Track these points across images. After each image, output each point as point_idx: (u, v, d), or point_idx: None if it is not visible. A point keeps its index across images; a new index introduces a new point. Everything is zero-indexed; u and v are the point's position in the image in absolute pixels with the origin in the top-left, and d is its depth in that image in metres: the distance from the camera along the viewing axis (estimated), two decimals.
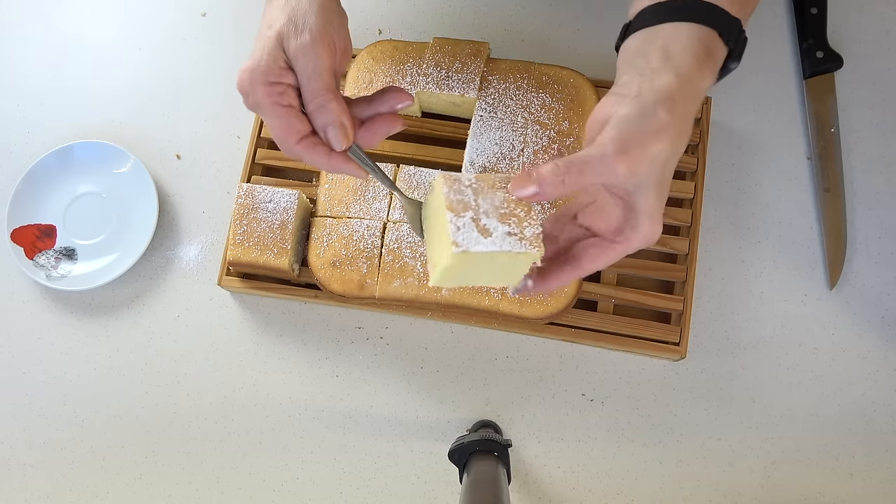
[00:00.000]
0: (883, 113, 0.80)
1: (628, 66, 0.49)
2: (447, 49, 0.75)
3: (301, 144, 0.51)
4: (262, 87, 0.50)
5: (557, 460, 0.75)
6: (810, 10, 0.81)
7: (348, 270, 0.72)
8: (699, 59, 0.47)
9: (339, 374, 0.78)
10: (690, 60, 0.47)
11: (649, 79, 0.46)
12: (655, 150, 0.45)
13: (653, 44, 0.48)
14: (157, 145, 0.85)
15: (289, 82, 0.51)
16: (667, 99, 0.45)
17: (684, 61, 0.47)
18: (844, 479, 0.73)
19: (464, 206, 0.46)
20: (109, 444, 0.78)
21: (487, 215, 0.46)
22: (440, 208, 0.47)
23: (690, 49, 0.47)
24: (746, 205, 0.79)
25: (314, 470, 0.76)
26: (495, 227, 0.46)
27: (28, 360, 0.80)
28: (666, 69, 0.46)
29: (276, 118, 0.50)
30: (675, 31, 0.48)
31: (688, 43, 0.48)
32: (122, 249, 0.80)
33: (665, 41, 0.48)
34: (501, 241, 0.45)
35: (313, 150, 0.51)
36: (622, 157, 0.44)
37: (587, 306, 0.74)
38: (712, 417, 0.75)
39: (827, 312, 0.76)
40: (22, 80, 0.88)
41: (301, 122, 0.51)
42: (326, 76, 0.50)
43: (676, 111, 0.45)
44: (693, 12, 0.48)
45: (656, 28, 0.49)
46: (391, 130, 0.55)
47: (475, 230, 0.45)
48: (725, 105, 0.81)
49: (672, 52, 0.47)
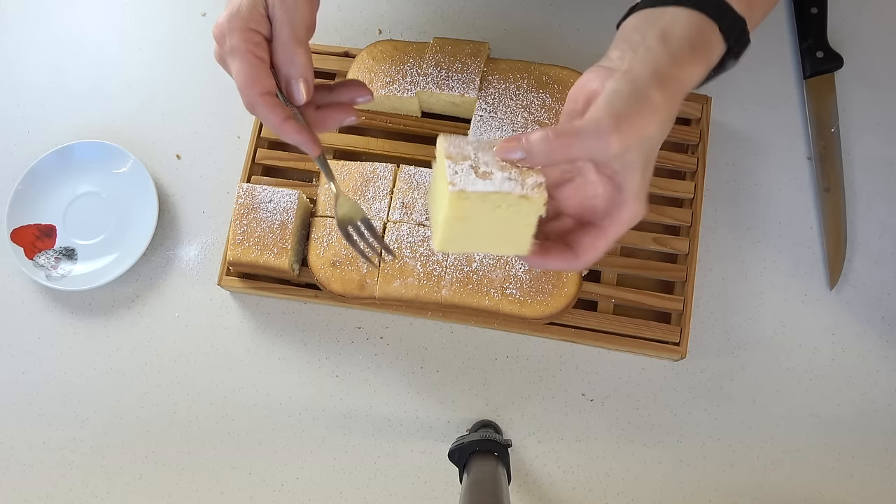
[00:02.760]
0: (883, 113, 0.80)
1: (623, 41, 0.48)
2: (447, 49, 0.75)
3: (263, 99, 0.51)
4: (240, 33, 0.50)
5: (557, 460, 0.75)
6: (810, 10, 0.81)
7: (348, 270, 0.72)
8: (694, 48, 0.47)
9: (339, 374, 0.78)
10: (686, 47, 0.47)
11: (643, 57, 0.46)
12: (647, 130, 0.45)
13: (653, 23, 0.48)
14: (157, 145, 0.85)
15: (265, 33, 0.51)
16: (660, 81, 0.45)
17: (680, 47, 0.46)
18: (844, 479, 0.73)
19: (462, 157, 0.44)
20: (109, 444, 0.78)
21: (487, 165, 0.45)
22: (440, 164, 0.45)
23: (688, 36, 0.47)
24: (746, 205, 0.79)
25: (314, 470, 0.76)
26: (496, 172, 0.44)
27: (28, 360, 0.80)
28: (661, 50, 0.46)
29: (247, 66, 0.50)
30: (677, 16, 0.48)
31: (686, 30, 0.47)
32: (122, 249, 0.80)
33: (665, 24, 0.47)
34: (501, 184, 0.44)
35: (272, 109, 0.51)
36: (616, 133, 0.43)
37: (587, 306, 0.74)
38: (712, 417, 0.75)
39: (827, 312, 0.76)
40: (22, 80, 0.88)
41: (268, 77, 0.51)
42: (300, 28, 0.51)
43: (668, 94, 0.45)
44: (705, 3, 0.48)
45: (660, 10, 0.48)
46: (345, 121, 0.56)
47: (473, 174, 0.44)
48: (725, 105, 0.81)
49: (670, 35, 0.47)
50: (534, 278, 0.70)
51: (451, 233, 0.46)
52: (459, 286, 0.70)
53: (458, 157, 0.44)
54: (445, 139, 0.46)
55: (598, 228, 0.48)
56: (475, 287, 0.70)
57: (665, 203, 0.76)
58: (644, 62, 0.46)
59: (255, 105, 0.51)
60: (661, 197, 0.76)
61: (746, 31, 0.50)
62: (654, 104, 0.44)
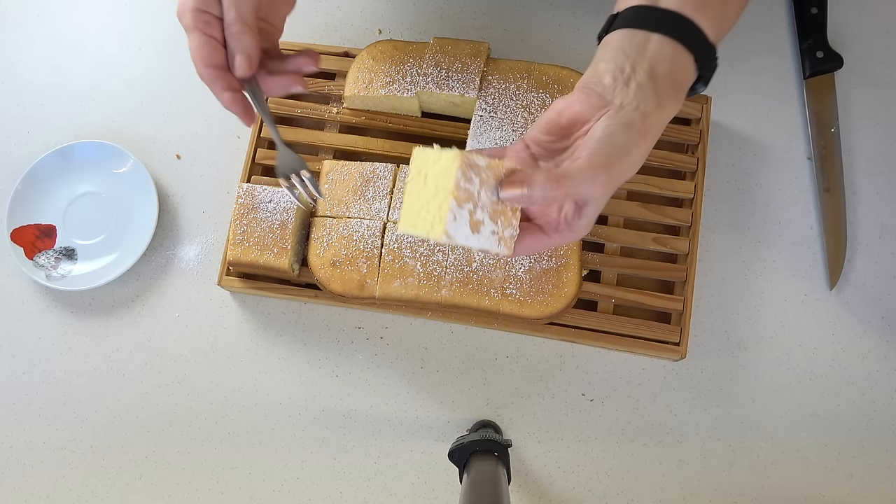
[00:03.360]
0: (883, 113, 0.80)
1: (611, 61, 0.51)
2: (447, 49, 0.75)
3: (207, 70, 0.57)
4: (192, 13, 0.56)
5: (557, 460, 0.75)
6: (810, 10, 0.81)
7: (348, 270, 0.72)
8: (677, 89, 0.51)
9: (339, 374, 0.78)
10: (670, 88, 0.50)
11: (634, 96, 0.49)
12: (627, 176, 0.50)
13: (641, 53, 0.51)
14: (157, 145, 0.85)
15: (216, 13, 0.56)
16: (648, 131, 0.49)
17: (666, 89, 0.50)
18: (844, 479, 0.73)
19: (467, 197, 0.48)
20: (109, 444, 0.78)
21: (483, 209, 0.48)
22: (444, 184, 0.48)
23: (672, 75, 0.51)
24: (746, 205, 0.79)
25: (314, 470, 0.76)
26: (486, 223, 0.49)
27: (28, 360, 0.80)
28: (650, 92, 0.50)
29: (195, 42, 0.56)
30: (662, 47, 0.51)
31: (671, 67, 0.51)
32: (122, 249, 0.80)
33: (653, 56, 0.51)
34: (485, 240, 0.49)
35: (215, 81, 0.57)
36: (607, 180, 0.48)
37: (587, 306, 0.74)
38: (712, 417, 0.75)
39: (827, 312, 0.76)
40: (22, 80, 0.88)
41: (215, 51, 0.57)
42: (245, 10, 0.56)
43: (650, 142, 0.50)
44: (680, 29, 0.51)
45: (646, 35, 0.51)
46: (291, 88, 0.62)
47: (467, 224, 0.48)
48: (725, 105, 0.81)
49: (657, 73, 0.50)
50: (534, 278, 0.70)
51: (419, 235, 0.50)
52: (459, 286, 0.70)
53: (463, 195, 0.47)
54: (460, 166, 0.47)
55: (542, 235, 0.52)
56: (475, 287, 0.70)
57: (665, 203, 0.76)
58: (635, 103, 0.49)
59: (202, 76, 0.57)
60: (661, 197, 0.76)
61: (716, 58, 0.54)
62: (640, 153, 0.49)
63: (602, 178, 0.47)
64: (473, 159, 0.48)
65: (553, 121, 0.52)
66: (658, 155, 0.76)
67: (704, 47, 0.52)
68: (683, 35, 0.51)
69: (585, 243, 0.74)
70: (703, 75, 0.53)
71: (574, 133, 0.51)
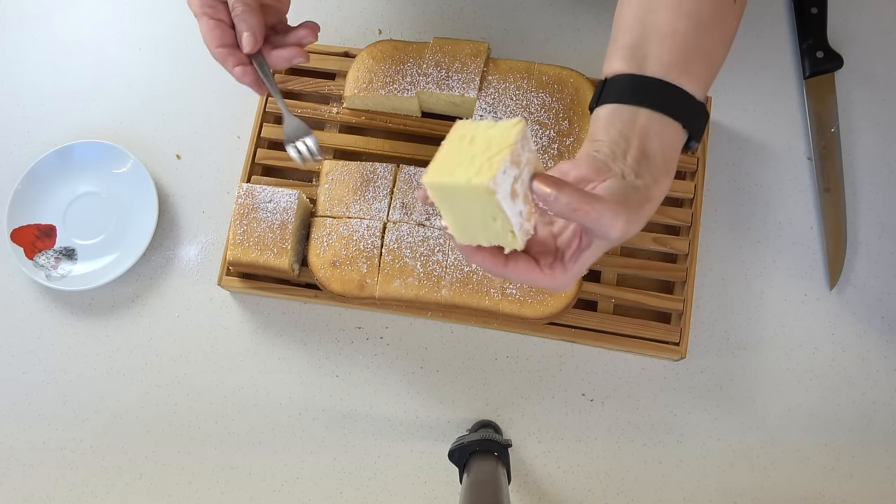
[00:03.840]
0: (883, 113, 0.80)
1: (606, 137, 0.52)
2: (447, 49, 0.75)
3: (218, 50, 0.63)
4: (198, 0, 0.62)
5: (557, 460, 0.75)
6: (810, 10, 0.81)
7: (348, 270, 0.72)
8: (668, 165, 0.52)
9: (339, 374, 0.78)
10: (661, 166, 0.51)
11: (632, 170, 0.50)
12: (632, 233, 0.49)
13: (632, 130, 0.52)
14: (157, 145, 0.85)
15: None
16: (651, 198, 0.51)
17: (657, 167, 0.51)
18: (844, 479, 0.73)
19: (517, 163, 0.46)
20: (109, 444, 0.78)
21: (522, 185, 0.47)
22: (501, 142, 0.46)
23: (661, 152, 0.52)
24: (746, 205, 0.79)
25: (314, 470, 0.76)
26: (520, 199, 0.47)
27: (28, 360, 0.80)
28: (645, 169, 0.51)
29: (205, 26, 0.63)
30: (650, 122, 0.52)
31: (660, 144, 0.52)
32: (122, 249, 0.80)
33: (642, 132, 0.52)
34: (514, 214, 0.47)
35: (226, 58, 0.63)
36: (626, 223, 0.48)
37: (587, 306, 0.74)
38: (712, 417, 0.75)
39: (827, 312, 0.76)
40: (22, 80, 0.88)
41: (224, 33, 0.63)
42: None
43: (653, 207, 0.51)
44: (665, 99, 0.52)
45: (634, 111, 0.52)
46: (294, 59, 0.66)
47: (509, 187, 0.46)
48: (725, 105, 0.81)
49: (649, 151, 0.51)
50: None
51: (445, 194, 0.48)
52: (459, 286, 0.70)
53: (516, 157, 0.46)
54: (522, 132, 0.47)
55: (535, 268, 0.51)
56: (475, 287, 0.70)
57: (665, 203, 0.75)
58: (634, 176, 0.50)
59: (214, 56, 0.63)
60: None
61: (706, 114, 0.55)
62: (645, 215, 0.50)
63: (623, 217, 0.47)
64: (529, 135, 0.48)
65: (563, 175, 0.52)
66: None
67: (692, 110, 0.53)
68: (670, 105, 0.52)
69: None
70: (693, 135, 0.54)
71: None
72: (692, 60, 0.53)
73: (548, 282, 0.51)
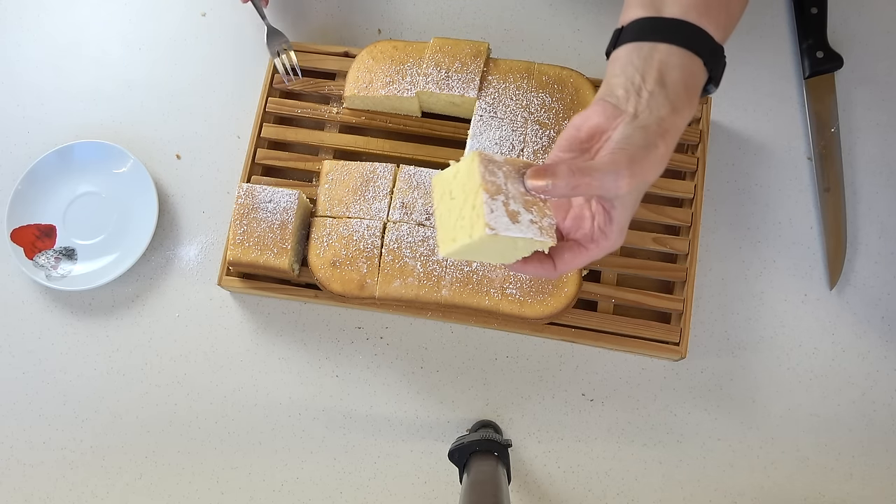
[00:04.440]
0: (883, 113, 0.80)
1: (621, 75, 0.52)
2: (447, 49, 0.75)
3: None
4: None
5: (557, 460, 0.75)
6: (810, 10, 0.81)
7: (348, 270, 0.72)
8: (689, 92, 0.51)
9: (339, 374, 0.78)
10: (682, 93, 0.51)
11: (647, 104, 0.50)
12: (650, 176, 0.49)
13: (649, 63, 0.51)
14: (157, 145, 0.85)
15: None
16: (665, 133, 0.49)
17: (678, 94, 0.50)
18: (844, 479, 0.73)
19: (497, 189, 0.47)
20: (109, 444, 0.78)
21: (515, 200, 0.48)
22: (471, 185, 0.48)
23: (682, 81, 0.51)
24: (746, 205, 0.79)
25: (314, 470, 0.76)
26: (522, 213, 0.48)
27: (28, 360, 0.80)
28: (662, 98, 0.50)
29: None
30: (670, 55, 0.51)
31: (681, 73, 0.51)
32: (122, 249, 0.80)
33: (661, 64, 0.51)
34: (527, 229, 0.48)
35: None
36: (630, 176, 0.47)
37: (587, 306, 0.74)
38: (712, 417, 0.75)
39: (827, 312, 0.76)
40: (22, 80, 0.88)
41: None
42: None
43: (669, 143, 0.50)
44: (685, 36, 0.52)
45: (652, 46, 0.52)
46: None
47: (505, 214, 0.47)
48: (725, 105, 0.81)
49: (667, 80, 0.51)
50: (534, 278, 0.70)
51: (465, 251, 0.50)
52: (459, 286, 0.70)
53: (492, 188, 0.47)
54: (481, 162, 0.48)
55: (580, 248, 0.52)
56: (475, 287, 0.70)
57: (665, 203, 0.76)
58: (649, 111, 0.50)
59: None
60: (661, 197, 0.76)
61: (724, 57, 0.54)
62: (659, 154, 0.49)
63: (624, 172, 0.47)
64: (490, 155, 0.49)
65: (573, 136, 0.52)
66: None
67: (711, 49, 0.52)
68: (690, 41, 0.51)
69: None
70: (714, 76, 0.53)
71: (594, 146, 0.52)
72: (711, 4, 0.53)
73: (600, 252, 0.51)
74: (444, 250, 0.50)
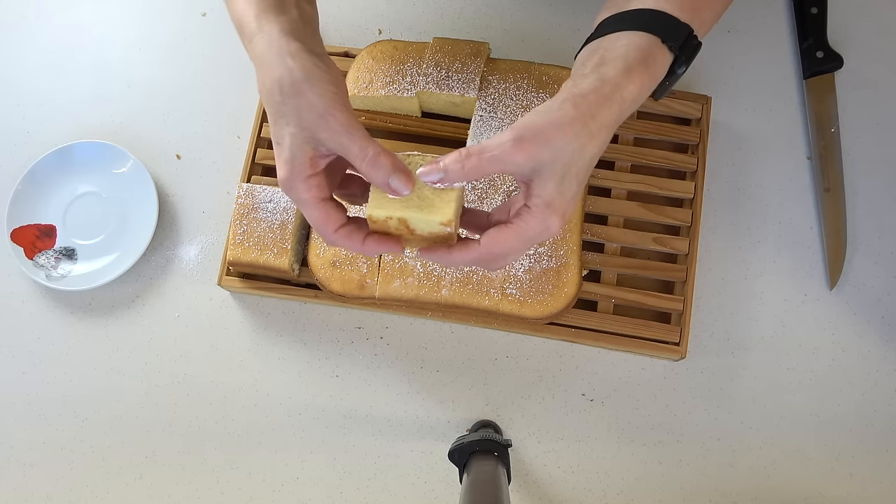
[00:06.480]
0: (883, 113, 0.80)
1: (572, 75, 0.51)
2: (447, 49, 0.75)
3: (338, 233, 0.52)
4: (301, 184, 0.51)
5: (557, 460, 0.75)
6: (810, 10, 0.81)
7: (348, 270, 0.72)
8: (629, 66, 0.49)
9: (339, 374, 0.78)
10: (619, 66, 0.49)
11: (582, 81, 0.48)
12: (557, 141, 0.47)
13: (594, 54, 0.51)
14: (157, 145, 0.85)
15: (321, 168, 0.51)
16: (576, 96, 0.47)
17: (613, 67, 0.49)
18: (844, 479, 0.73)
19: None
20: (109, 444, 0.78)
21: None
22: None
23: (623, 56, 0.49)
24: (746, 205, 0.79)
25: (314, 470, 0.76)
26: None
27: (28, 360, 0.80)
28: (593, 77, 0.49)
29: (316, 212, 0.51)
30: (616, 40, 0.51)
31: (623, 51, 0.50)
32: (122, 249, 0.80)
33: (603, 51, 0.50)
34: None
35: (349, 238, 0.52)
36: (519, 146, 0.46)
37: (587, 306, 0.74)
38: (712, 417, 0.75)
39: (827, 312, 0.76)
40: (22, 81, 0.88)
41: (338, 212, 0.52)
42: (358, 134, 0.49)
43: (582, 108, 0.47)
44: (637, 21, 0.51)
45: (600, 39, 0.52)
46: None
47: None
48: (725, 105, 0.81)
49: (606, 60, 0.50)
50: (534, 278, 0.70)
51: None
52: (459, 286, 0.70)
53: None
54: None
55: (505, 224, 0.50)
56: (475, 287, 0.70)
57: (665, 203, 0.76)
58: (571, 82, 0.49)
59: (335, 241, 0.52)
60: (661, 197, 0.76)
61: (693, 36, 0.52)
62: (564, 117, 0.47)
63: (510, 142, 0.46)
64: None
65: None
66: (658, 155, 0.76)
67: (668, 25, 0.50)
68: (644, 24, 0.50)
69: (585, 243, 0.74)
70: (681, 55, 0.51)
71: None
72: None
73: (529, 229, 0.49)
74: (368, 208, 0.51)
